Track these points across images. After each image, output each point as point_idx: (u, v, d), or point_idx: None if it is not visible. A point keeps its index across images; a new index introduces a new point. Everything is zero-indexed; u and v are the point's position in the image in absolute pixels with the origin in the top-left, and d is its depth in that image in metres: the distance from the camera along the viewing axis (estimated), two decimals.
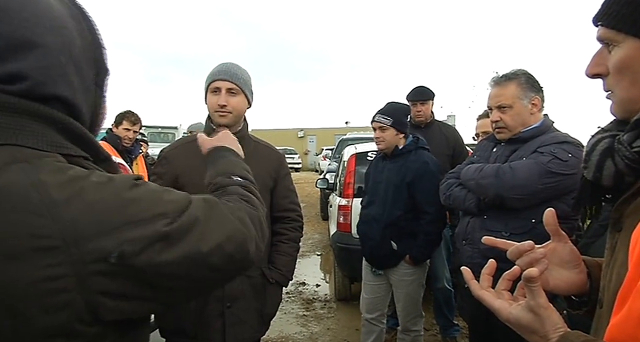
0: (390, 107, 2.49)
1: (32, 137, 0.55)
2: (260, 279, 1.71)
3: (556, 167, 1.65)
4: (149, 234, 0.56)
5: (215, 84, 1.66)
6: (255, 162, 1.71)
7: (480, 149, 2.04)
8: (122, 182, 0.59)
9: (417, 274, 2.50)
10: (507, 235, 1.70)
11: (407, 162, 2.42)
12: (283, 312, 4.01)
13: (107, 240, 0.53)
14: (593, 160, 0.72)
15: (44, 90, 0.57)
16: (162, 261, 0.57)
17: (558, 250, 0.77)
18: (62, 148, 0.59)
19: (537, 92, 1.82)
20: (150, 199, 0.59)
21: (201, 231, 0.61)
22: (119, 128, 3.57)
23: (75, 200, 0.53)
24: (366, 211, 2.57)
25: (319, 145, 26.73)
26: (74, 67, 0.60)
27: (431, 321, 3.57)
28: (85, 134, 0.62)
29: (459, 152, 3.22)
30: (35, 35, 0.56)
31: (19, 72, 0.55)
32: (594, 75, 0.71)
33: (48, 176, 0.53)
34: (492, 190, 1.74)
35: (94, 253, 0.52)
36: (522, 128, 1.81)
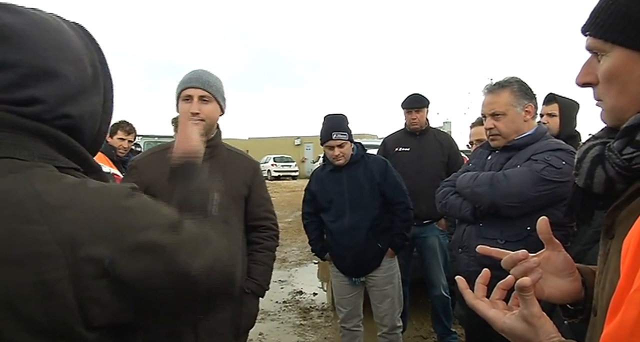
0: (338, 121, 2.52)
1: (24, 150, 0.59)
2: None
3: (550, 174, 1.66)
4: (142, 243, 0.57)
5: (186, 91, 1.63)
6: (229, 171, 1.71)
7: (475, 156, 2.05)
8: (118, 190, 0.61)
9: (396, 265, 2.64)
10: (502, 243, 1.70)
11: (367, 165, 2.53)
12: (280, 321, 3.98)
13: (101, 246, 0.55)
14: (584, 168, 0.72)
15: (55, 113, 0.62)
16: (152, 271, 0.57)
17: (552, 258, 0.77)
18: (53, 160, 0.61)
19: (531, 99, 1.83)
20: (145, 210, 0.61)
21: (193, 247, 0.62)
22: (113, 138, 3.56)
23: (70, 206, 0.56)
24: (339, 223, 2.52)
25: (315, 153, 26.75)
26: (84, 94, 0.66)
27: (429, 329, 3.56)
28: (76, 146, 0.65)
29: (454, 159, 3.23)
30: (56, 66, 0.61)
31: (37, 98, 0.60)
32: (584, 84, 0.71)
33: (42, 185, 0.56)
34: (486, 198, 1.75)
35: (87, 258, 0.54)
36: (515, 135, 1.82)
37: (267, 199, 1.87)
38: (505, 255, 0.77)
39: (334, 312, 4.12)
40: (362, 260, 2.52)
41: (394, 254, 2.59)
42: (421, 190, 2.88)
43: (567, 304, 0.79)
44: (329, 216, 2.58)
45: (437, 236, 3.18)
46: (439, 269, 3.16)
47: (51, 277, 0.52)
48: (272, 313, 4.19)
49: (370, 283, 2.59)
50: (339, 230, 2.52)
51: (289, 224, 9.58)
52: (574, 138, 2.47)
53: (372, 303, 2.64)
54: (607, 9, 0.64)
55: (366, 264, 2.54)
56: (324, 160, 2.72)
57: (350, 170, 2.52)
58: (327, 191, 2.57)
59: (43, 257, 0.52)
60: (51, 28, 0.63)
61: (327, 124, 2.53)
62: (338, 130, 2.45)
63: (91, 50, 0.69)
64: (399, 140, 3.31)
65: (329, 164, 2.60)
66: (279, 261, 6.23)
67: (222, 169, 1.68)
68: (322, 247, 2.68)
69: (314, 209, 2.68)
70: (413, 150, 3.22)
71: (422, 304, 3.89)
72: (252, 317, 1.78)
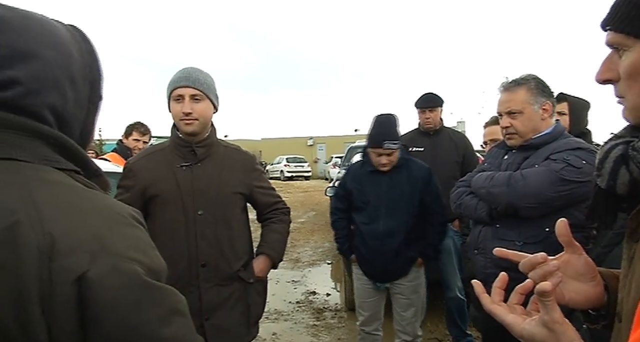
0: (390, 125, 2.38)
1: (26, 152, 0.58)
2: (239, 284, 1.68)
3: (569, 174, 1.61)
4: (120, 270, 0.54)
5: (177, 91, 1.60)
6: (227, 167, 1.71)
7: (491, 156, 2.01)
8: (118, 215, 0.60)
9: (423, 274, 2.56)
10: (520, 244, 1.66)
11: (412, 172, 2.42)
12: (293, 322, 3.98)
13: (78, 262, 0.52)
14: (606, 168, 0.69)
15: (36, 99, 0.60)
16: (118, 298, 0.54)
17: (572, 262, 0.74)
18: (53, 162, 0.61)
19: (548, 97, 1.79)
20: (137, 243, 0.59)
21: (168, 313, 0.58)
22: (129, 139, 3.61)
23: (61, 213, 0.55)
24: (372, 226, 2.42)
25: (328, 153, 26.75)
26: (69, 82, 0.64)
27: (444, 332, 3.51)
28: (77, 148, 0.64)
29: (469, 159, 3.18)
30: (34, 47, 0.60)
31: (15, 78, 0.58)
32: (604, 81, 0.68)
33: (38, 188, 0.56)
34: (503, 198, 1.71)
35: (61, 269, 0.52)
36: (533, 134, 1.78)
37: (270, 187, 1.88)
38: (522, 258, 0.74)
39: (348, 313, 4.11)
40: (392, 267, 2.44)
41: (422, 264, 2.51)
42: None
43: (589, 309, 0.77)
44: (362, 217, 2.46)
45: (452, 237, 3.14)
46: (454, 271, 3.12)
47: (25, 285, 0.51)
48: (285, 313, 4.19)
49: (396, 290, 2.51)
50: (372, 234, 2.41)
51: (302, 224, 9.58)
52: (584, 136, 2.43)
53: (394, 310, 2.56)
54: (629, 2, 0.62)
55: (394, 272, 2.47)
56: (362, 157, 2.57)
57: (392, 174, 2.41)
58: (364, 191, 2.46)
59: (21, 262, 0.51)
60: (34, 17, 0.63)
61: (378, 128, 2.39)
62: (390, 139, 2.30)
63: (78, 40, 0.68)
64: (413, 140, 3.28)
65: (369, 164, 2.46)
66: (292, 261, 6.24)
67: (220, 166, 1.69)
68: (350, 247, 2.58)
69: (345, 205, 2.57)
70: (427, 150, 3.18)
71: (437, 306, 3.84)
72: (259, 306, 1.78)
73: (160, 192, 1.60)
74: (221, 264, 1.63)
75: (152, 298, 0.57)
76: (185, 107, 1.58)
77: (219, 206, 1.64)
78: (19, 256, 0.51)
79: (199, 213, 1.61)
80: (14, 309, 0.50)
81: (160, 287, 0.58)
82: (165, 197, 1.60)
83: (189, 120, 1.60)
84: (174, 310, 0.60)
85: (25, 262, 0.51)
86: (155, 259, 0.60)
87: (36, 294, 0.51)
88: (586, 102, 2.54)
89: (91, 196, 0.61)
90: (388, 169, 2.38)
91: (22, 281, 0.51)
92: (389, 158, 2.35)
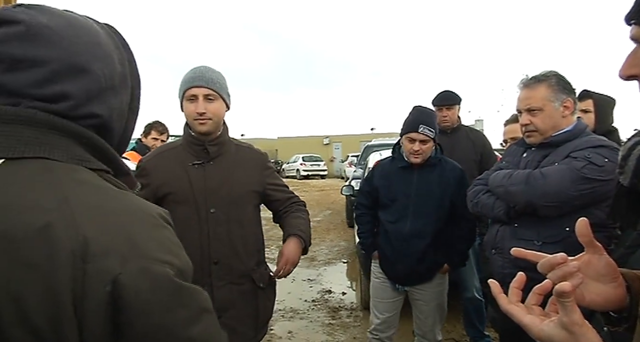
0: (430, 116, 2.29)
1: (59, 151, 0.59)
2: (250, 285, 1.68)
3: (591, 172, 1.57)
4: (151, 272, 0.55)
5: (191, 91, 1.61)
6: (239, 165, 1.72)
7: (509, 154, 1.97)
8: (147, 215, 0.61)
9: (447, 281, 2.46)
10: (539, 244, 1.63)
11: (445, 171, 2.30)
12: (309, 320, 3.99)
13: (111, 264, 0.53)
14: (630, 166, 0.67)
15: (83, 110, 0.63)
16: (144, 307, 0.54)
17: (593, 262, 0.72)
18: (85, 162, 0.62)
19: (569, 94, 1.74)
20: (166, 244, 0.59)
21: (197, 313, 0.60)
22: (147, 138, 3.67)
23: (94, 214, 0.55)
24: (398, 226, 2.30)
25: (344, 152, 26.69)
26: (112, 92, 0.66)
27: (461, 332, 3.47)
28: (108, 149, 0.66)
29: (487, 157, 3.13)
30: (85, 62, 0.62)
31: (66, 93, 0.61)
32: (628, 76, 0.66)
33: (71, 188, 0.56)
34: (522, 197, 1.67)
35: (95, 271, 0.52)
36: (553, 132, 1.73)
37: (283, 184, 1.87)
38: (541, 258, 0.72)
39: (363, 312, 4.09)
40: (416, 271, 2.32)
41: (447, 271, 2.40)
42: None
43: (610, 311, 0.74)
44: (388, 215, 2.34)
45: None
46: (471, 271, 3.08)
47: (59, 286, 0.51)
48: (301, 311, 4.21)
49: (417, 296, 2.40)
50: (398, 234, 2.29)
51: (318, 223, 9.58)
52: (611, 134, 2.36)
53: (414, 314, 2.46)
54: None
55: (418, 276, 2.35)
56: (393, 153, 2.44)
57: (423, 171, 2.29)
58: (392, 188, 2.33)
59: (56, 263, 0.51)
60: (82, 27, 0.64)
61: (416, 114, 2.28)
62: (426, 125, 2.19)
63: (120, 49, 0.70)
64: None
65: (400, 159, 2.35)
66: (308, 259, 6.24)
67: (232, 164, 1.70)
68: (373, 243, 2.46)
69: (370, 201, 2.47)
70: (444, 149, 3.13)
71: (454, 306, 3.80)
72: (268, 309, 1.77)
73: (173, 190, 1.62)
74: (234, 262, 1.64)
75: (182, 299, 0.58)
76: (199, 107, 1.60)
77: (232, 204, 1.65)
78: (54, 257, 0.51)
79: (212, 211, 1.62)
80: (47, 308, 0.51)
81: (189, 288, 0.59)
82: (177, 195, 1.62)
83: (202, 120, 1.62)
84: (202, 309, 0.61)
85: (59, 263, 0.51)
86: (183, 259, 0.61)
87: (69, 295, 0.51)
88: (611, 99, 2.48)
89: (121, 197, 0.61)
90: (420, 161, 2.25)
91: (56, 281, 0.51)
92: (422, 145, 2.21)
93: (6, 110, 0.58)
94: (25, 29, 0.58)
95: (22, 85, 0.59)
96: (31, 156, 0.58)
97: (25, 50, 0.58)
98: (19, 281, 0.51)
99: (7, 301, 0.50)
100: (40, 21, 0.60)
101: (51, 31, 0.60)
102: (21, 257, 0.51)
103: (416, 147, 2.22)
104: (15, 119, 0.58)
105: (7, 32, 0.58)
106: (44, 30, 0.59)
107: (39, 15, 0.60)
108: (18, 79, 0.58)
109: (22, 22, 0.58)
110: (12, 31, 0.58)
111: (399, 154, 2.38)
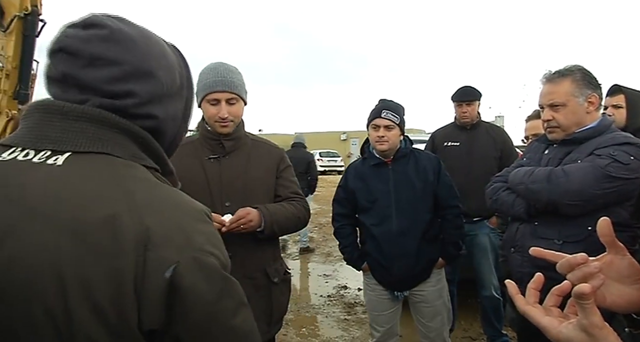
0: (394, 104, 2.23)
1: (118, 148, 0.66)
2: (264, 279, 1.68)
3: (616, 170, 1.52)
4: (204, 263, 0.60)
5: (214, 95, 1.62)
6: (254, 159, 1.73)
7: (530, 150, 1.93)
8: (198, 209, 0.67)
9: (444, 276, 2.36)
10: (559, 243, 1.59)
11: (420, 161, 2.22)
12: (324, 315, 4.00)
13: (171, 251, 0.58)
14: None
15: (144, 109, 0.69)
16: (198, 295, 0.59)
17: (615, 263, 0.70)
18: (140, 159, 0.68)
19: (595, 89, 1.69)
20: (212, 238, 0.65)
21: (239, 304, 0.65)
22: None
23: (153, 207, 0.61)
24: (384, 227, 2.17)
25: None
26: (171, 99, 0.74)
27: (478, 331, 3.43)
28: (159, 148, 0.73)
29: (508, 154, 3.07)
30: (153, 68, 0.70)
31: (133, 92, 0.68)
32: None
33: (133, 183, 0.63)
34: (543, 195, 1.63)
35: (156, 259, 0.57)
36: (576, 128, 1.69)
37: (294, 182, 1.84)
38: (560, 258, 0.70)
39: None
40: (412, 272, 2.19)
41: (444, 265, 2.29)
42: (471, 186, 2.76)
43: (632, 313, 0.72)
44: (371, 218, 2.21)
45: (488, 234, 3.05)
46: (490, 269, 3.04)
47: (122, 269, 0.55)
48: (316, 307, 4.23)
49: (417, 299, 2.26)
50: (385, 236, 2.16)
51: None
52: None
53: (417, 320, 2.31)
54: None
55: (415, 277, 2.22)
56: (362, 153, 2.35)
57: (397, 165, 2.21)
58: (369, 188, 2.22)
59: (120, 248, 0.56)
60: (153, 39, 0.73)
61: (380, 103, 2.25)
62: (390, 110, 2.15)
63: (181, 65, 0.79)
64: (449, 135, 3.20)
65: (371, 157, 2.26)
66: (324, 255, 6.26)
67: (247, 159, 1.72)
68: (359, 256, 2.30)
69: (349, 209, 2.32)
70: (463, 145, 3.10)
71: (471, 304, 3.76)
72: (282, 305, 1.78)
73: (188, 183, 1.64)
74: (248, 256, 1.65)
75: (228, 290, 0.63)
76: (223, 112, 1.63)
77: (246, 197, 1.66)
78: (119, 242, 0.56)
79: (227, 204, 1.64)
80: (110, 289, 0.55)
81: (232, 280, 0.65)
82: (193, 189, 1.63)
83: (225, 123, 1.65)
84: (242, 301, 0.66)
85: (124, 249, 0.56)
86: (225, 254, 0.66)
87: (131, 278, 0.56)
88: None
89: (173, 193, 0.67)
90: (385, 149, 2.16)
91: (120, 265, 0.56)
92: (386, 132, 2.13)
93: (75, 108, 0.64)
94: (109, 33, 0.66)
95: (95, 80, 0.65)
96: (95, 151, 0.64)
97: (105, 50, 0.65)
98: (87, 264, 0.55)
99: (75, 281, 0.55)
100: (122, 28, 0.68)
101: (129, 38, 0.68)
102: (89, 242, 0.56)
103: (380, 133, 2.14)
104: (82, 116, 0.64)
105: (94, 34, 0.66)
106: (123, 36, 0.67)
107: (121, 24, 0.69)
108: (93, 75, 0.65)
109: (107, 26, 0.67)
110: (98, 33, 0.66)
111: (370, 152, 2.29)
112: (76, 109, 0.64)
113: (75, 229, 0.56)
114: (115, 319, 0.55)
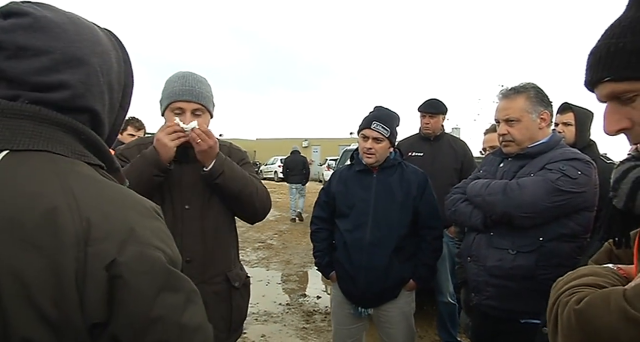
0: (387, 115, 2.18)
1: (60, 145, 0.63)
2: (225, 285, 1.65)
3: (565, 184, 1.61)
4: (147, 256, 0.59)
5: (178, 104, 1.55)
6: None
7: (486, 163, 2.01)
8: (143, 207, 0.65)
9: (414, 299, 2.25)
10: (513, 253, 1.66)
11: (406, 174, 2.16)
12: (283, 324, 3.95)
13: (110, 247, 0.57)
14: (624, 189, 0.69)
15: (80, 102, 0.66)
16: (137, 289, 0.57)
17: None
18: (83, 156, 0.66)
19: (547, 106, 1.79)
20: (159, 233, 0.64)
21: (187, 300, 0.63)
22: (123, 134, 3.56)
23: (95, 203, 0.59)
24: (357, 234, 2.09)
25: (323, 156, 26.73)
26: (107, 87, 0.70)
27: (434, 337, 3.51)
28: (103, 145, 0.70)
29: (468, 166, 3.18)
30: (85, 55, 0.66)
31: (65, 83, 0.64)
32: (616, 132, 0.65)
33: (75, 180, 0.60)
34: (499, 207, 1.70)
35: (95, 256, 0.56)
36: (529, 143, 1.77)
37: (255, 177, 1.75)
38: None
39: None
40: (378, 288, 2.09)
41: (414, 288, 2.18)
42: None
43: None
44: (347, 223, 2.14)
45: (447, 242, 3.13)
46: (446, 276, 3.13)
47: (63, 265, 0.54)
48: (274, 315, 4.17)
49: (382, 318, 2.17)
50: (357, 244, 2.08)
51: (294, 226, 9.55)
52: (589, 147, 2.43)
53: (381, 339, 2.26)
54: (622, 50, 0.60)
55: (381, 294, 2.12)
56: (351, 159, 2.30)
57: (382, 174, 2.15)
58: (350, 193, 2.16)
59: (60, 244, 0.54)
60: (83, 25, 0.69)
61: (373, 112, 2.18)
62: (380, 122, 2.08)
63: (117, 49, 0.74)
64: (413, 145, 3.28)
65: (358, 163, 2.21)
66: (283, 262, 6.21)
67: None
68: (330, 263, 2.24)
69: (328, 213, 2.27)
70: (426, 156, 3.18)
71: (427, 311, 3.84)
72: (242, 310, 1.74)
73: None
74: (207, 261, 1.61)
75: (174, 284, 0.61)
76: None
77: (206, 200, 1.62)
78: (58, 238, 0.55)
79: (186, 208, 1.59)
80: (51, 286, 0.53)
81: (180, 275, 0.63)
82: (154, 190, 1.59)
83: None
84: (191, 297, 0.64)
85: (64, 244, 0.55)
86: (174, 249, 0.65)
87: (72, 275, 0.54)
88: (590, 113, 2.54)
89: (119, 189, 0.65)
90: (372, 161, 2.11)
91: (60, 261, 0.54)
92: (375, 144, 2.08)
93: (12, 106, 0.61)
94: (32, 21, 0.62)
95: (23, 72, 0.61)
96: (35, 149, 0.61)
97: (30, 39, 0.61)
98: (24, 261, 0.53)
99: (10, 279, 0.53)
100: (46, 15, 0.64)
101: (55, 24, 0.64)
102: (28, 238, 0.54)
103: (368, 145, 2.09)
104: (20, 114, 0.61)
105: (15, 23, 0.62)
106: (48, 23, 0.63)
107: (45, 10, 0.65)
108: (20, 66, 0.61)
109: (30, 14, 0.62)
110: (20, 22, 0.62)
111: (357, 159, 2.24)
112: (13, 106, 0.61)
113: (12, 227, 0.54)
114: (56, 315, 0.53)
